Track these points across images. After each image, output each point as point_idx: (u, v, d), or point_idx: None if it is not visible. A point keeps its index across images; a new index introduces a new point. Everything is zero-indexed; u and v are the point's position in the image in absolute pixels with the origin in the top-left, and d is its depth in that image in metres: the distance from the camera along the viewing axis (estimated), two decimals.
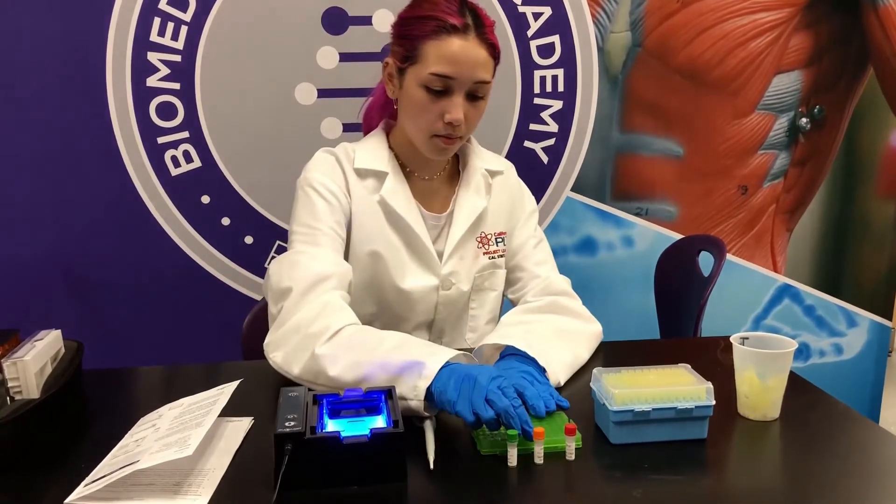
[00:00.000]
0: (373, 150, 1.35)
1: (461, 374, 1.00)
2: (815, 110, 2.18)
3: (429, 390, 1.01)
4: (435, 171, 1.38)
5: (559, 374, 1.19)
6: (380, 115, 1.43)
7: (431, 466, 0.92)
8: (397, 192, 1.33)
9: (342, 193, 1.31)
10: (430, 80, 1.23)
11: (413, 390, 1.02)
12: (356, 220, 1.32)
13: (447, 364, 1.03)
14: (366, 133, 1.43)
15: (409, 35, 1.25)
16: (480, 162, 1.41)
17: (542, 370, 1.15)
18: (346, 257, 1.31)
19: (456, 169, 1.42)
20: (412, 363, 1.04)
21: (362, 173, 1.33)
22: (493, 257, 1.40)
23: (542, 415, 1.02)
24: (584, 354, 1.29)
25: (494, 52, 1.27)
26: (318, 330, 1.12)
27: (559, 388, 1.18)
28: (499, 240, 1.41)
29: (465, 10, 1.25)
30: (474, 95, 1.26)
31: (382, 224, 1.32)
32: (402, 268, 1.33)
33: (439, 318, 1.38)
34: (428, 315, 1.37)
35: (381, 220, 1.32)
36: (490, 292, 1.41)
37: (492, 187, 1.41)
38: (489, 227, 1.40)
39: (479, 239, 1.39)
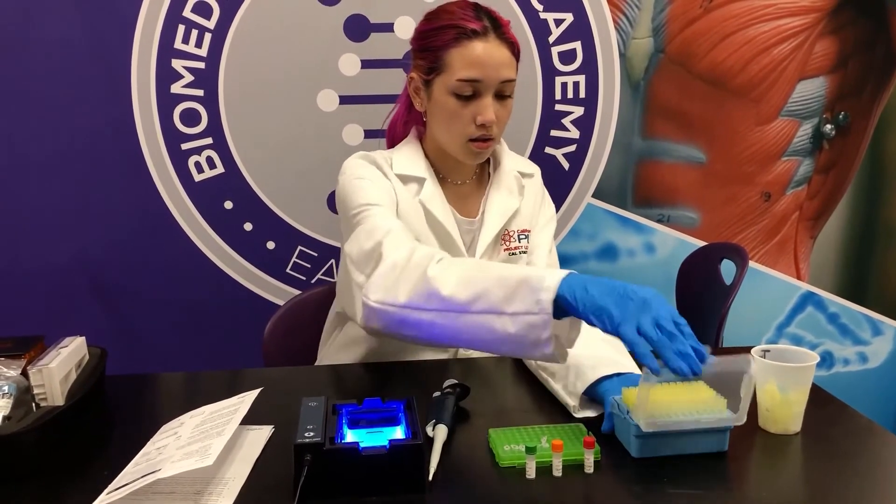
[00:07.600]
0: (410, 157, 1.38)
1: (610, 285, 0.94)
2: (840, 116, 2.16)
3: (557, 302, 0.96)
4: (467, 176, 1.41)
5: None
6: (403, 127, 1.44)
7: (430, 478, 0.92)
8: (434, 197, 1.35)
9: (390, 187, 1.32)
10: (458, 86, 1.26)
11: (536, 304, 0.96)
12: (402, 218, 1.30)
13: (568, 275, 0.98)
14: (390, 145, 1.45)
15: (431, 46, 1.29)
16: (513, 164, 1.44)
17: None
18: None
19: (486, 172, 1.44)
20: (531, 275, 0.99)
21: (403, 178, 1.35)
22: (513, 253, 1.41)
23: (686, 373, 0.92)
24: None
25: (515, 49, 1.30)
26: (423, 257, 1.10)
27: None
28: (521, 236, 1.42)
29: (482, 14, 1.29)
30: (501, 94, 1.29)
31: (424, 226, 1.34)
32: None
33: None
34: None
35: (422, 221, 1.34)
36: None
37: (524, 189, 1.43)
38: (514, 225, 1.41)
39: (502, 236, 1.40)
